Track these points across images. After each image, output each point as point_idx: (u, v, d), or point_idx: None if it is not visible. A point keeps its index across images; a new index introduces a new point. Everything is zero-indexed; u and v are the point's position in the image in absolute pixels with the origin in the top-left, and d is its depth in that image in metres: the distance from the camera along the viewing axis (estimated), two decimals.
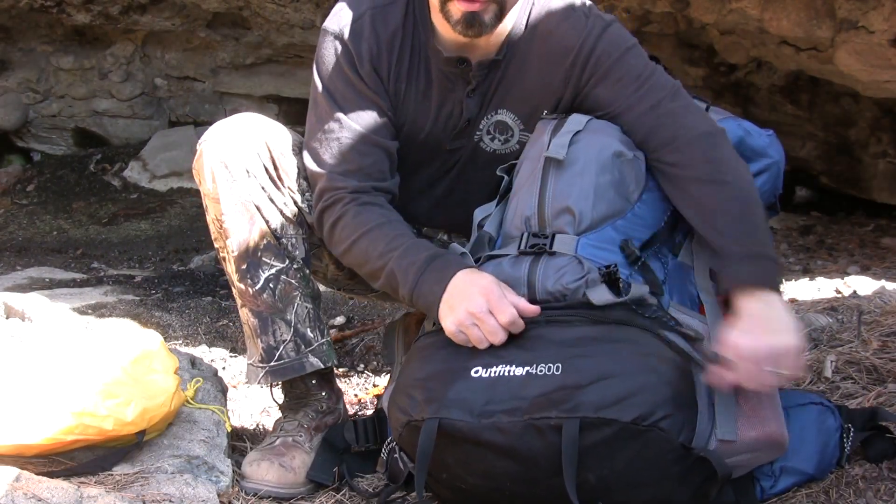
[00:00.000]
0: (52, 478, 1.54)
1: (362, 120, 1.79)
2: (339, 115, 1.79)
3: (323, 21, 1.83)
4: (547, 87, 1.79)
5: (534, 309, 1.54)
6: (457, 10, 1.68)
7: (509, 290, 1.57)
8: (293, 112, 6.23)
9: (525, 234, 1.65)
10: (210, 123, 1.91)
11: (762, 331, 1.49)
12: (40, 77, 6.50)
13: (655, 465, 1.44)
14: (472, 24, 1.69)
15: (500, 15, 1.71)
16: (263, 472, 1.78)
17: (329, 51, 1.81)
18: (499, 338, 1.52)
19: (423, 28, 1.79)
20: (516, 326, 1.53)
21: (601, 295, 1.53)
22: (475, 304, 1.53)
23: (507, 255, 1.65)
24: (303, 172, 1.86)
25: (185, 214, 5.78)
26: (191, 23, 5.99)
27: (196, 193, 5.94)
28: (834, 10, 3.62)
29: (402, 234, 1.72)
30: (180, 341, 3.13)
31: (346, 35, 1.78)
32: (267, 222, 1.82)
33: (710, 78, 4.72)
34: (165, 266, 4.84)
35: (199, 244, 5.21)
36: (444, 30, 1.76)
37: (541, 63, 1.79)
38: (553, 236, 1.62)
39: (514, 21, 1.78)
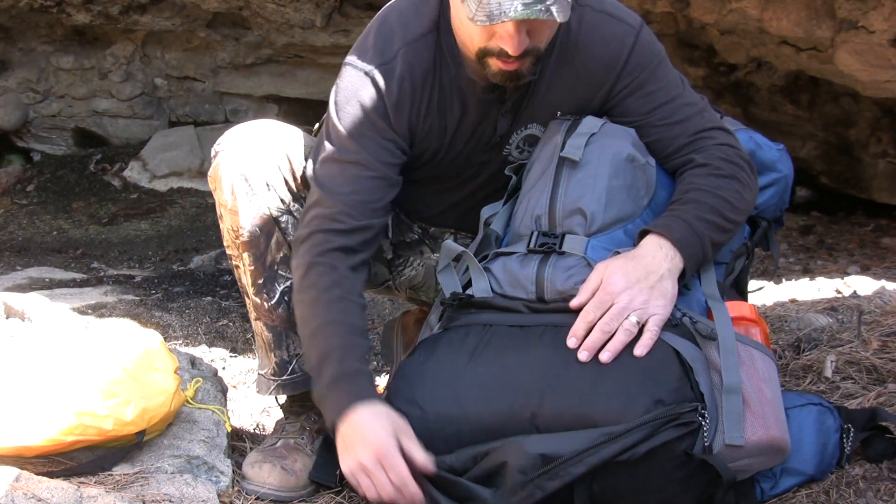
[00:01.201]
0: (52, 478, 1.53)
1: (380, 157, 1.70)
2: (357, 150, 1.69)
3: (322, 21, 1.81)
4: (577, 95, 1.76)
5: (427, 467, 1.48)
6: (496, 66, 1.61)
7: (407, 437, 1.50)
8: (293, 112, 6.23)
9: (535, 233, 1.65)
10: (210, 123, 1.90)
11: (625, 270, 1.53)
12: (40, 77, 6.51)
13: (659, 472, 1.44)
14: (513, 79, 1.63)
15: (537, 62, 1.64)
16: (265, 474, 1.77)
17: (351, 86, 1.70)
18: (387, 491, 1.47)
19: (453, 59, 1.71)
20: (407, 489, 1.46)
21: None
22: (366, 456, 1.48)
23: (515, 252, 1.65)
24: None
25: (185, 214, 5.78)
26: (191, 23, 5.99)
27: (196, 193, 5.96)
28: (834, 10, 3.62)
29: (347, 322, 1.63)
30: (180, 341, 3.13)
31: (377, 75, 1.68)
32: (284, 234, 1.80)
33: (710, 78, 4.72)
34: (165, 266, 4.84)
35: (199, 244, 5.21)
36: (478, 67, 1.68)
37: (573, 73, 1.74)
38: (563, 236, 1.62)
39: None
